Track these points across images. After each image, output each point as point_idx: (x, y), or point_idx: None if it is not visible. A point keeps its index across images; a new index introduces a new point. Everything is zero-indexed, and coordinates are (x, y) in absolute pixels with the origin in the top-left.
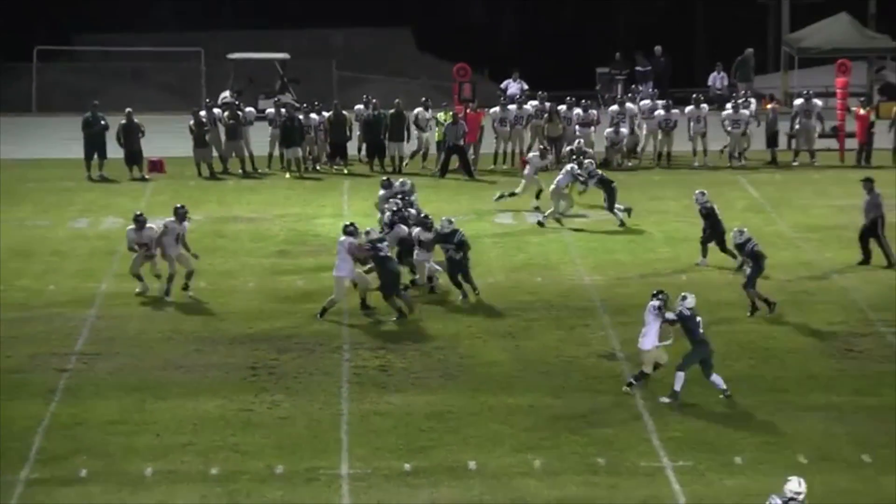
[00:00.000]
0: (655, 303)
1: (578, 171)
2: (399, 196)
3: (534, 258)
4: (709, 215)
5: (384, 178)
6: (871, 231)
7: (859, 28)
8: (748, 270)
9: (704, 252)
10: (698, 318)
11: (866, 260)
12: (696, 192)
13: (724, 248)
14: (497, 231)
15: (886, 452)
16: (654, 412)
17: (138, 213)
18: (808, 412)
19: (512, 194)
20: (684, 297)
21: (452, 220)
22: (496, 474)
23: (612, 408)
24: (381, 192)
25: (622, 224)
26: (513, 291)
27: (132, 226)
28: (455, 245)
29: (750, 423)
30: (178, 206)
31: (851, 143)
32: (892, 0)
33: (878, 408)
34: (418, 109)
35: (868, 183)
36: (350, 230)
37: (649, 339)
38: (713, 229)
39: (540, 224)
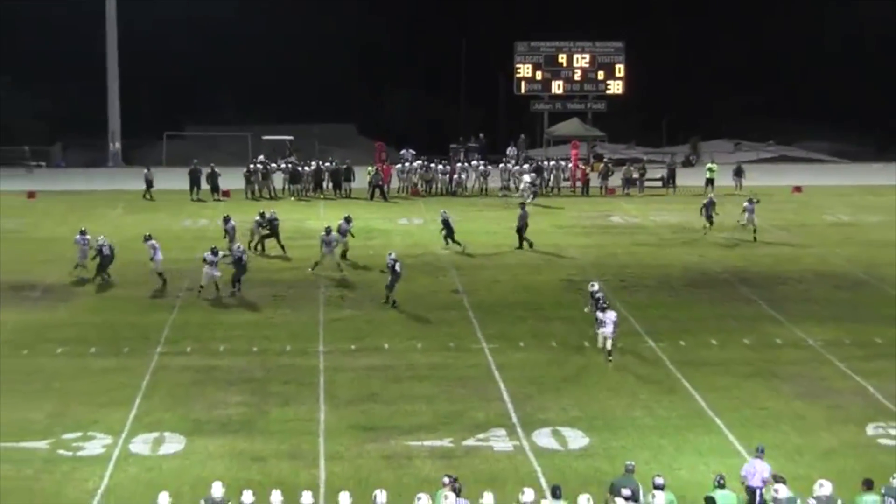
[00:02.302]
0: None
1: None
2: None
3: (418, 241)
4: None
5: (260, 211)
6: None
7: (583, 125)
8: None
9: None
10: None
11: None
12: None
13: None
14: (399, 227)
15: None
16: (478, 316)
17: (226, 215)
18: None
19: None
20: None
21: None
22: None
23: (455, 318)
24: (257, 218)
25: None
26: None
27: (223, 221)
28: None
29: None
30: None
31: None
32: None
33: None
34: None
35: (522, 206)
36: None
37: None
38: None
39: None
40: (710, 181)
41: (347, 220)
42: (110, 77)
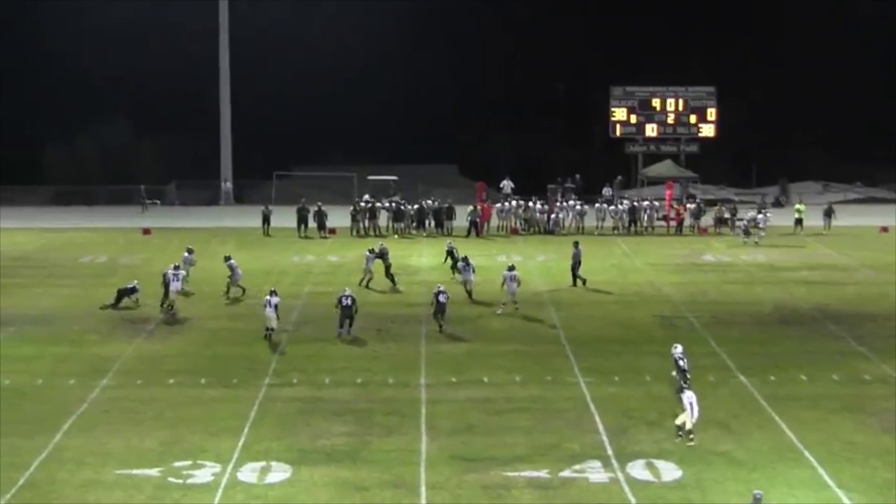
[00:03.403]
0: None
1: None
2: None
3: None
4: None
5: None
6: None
7: (676, 166)
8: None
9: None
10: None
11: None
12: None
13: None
14: (498, 264)
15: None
16: (574, 350)
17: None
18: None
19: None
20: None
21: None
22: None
23: (552, 353)
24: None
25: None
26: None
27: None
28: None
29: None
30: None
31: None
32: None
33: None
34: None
35: (575, 244)
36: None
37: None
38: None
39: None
40: (798, 221)
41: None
42: (223, 119)
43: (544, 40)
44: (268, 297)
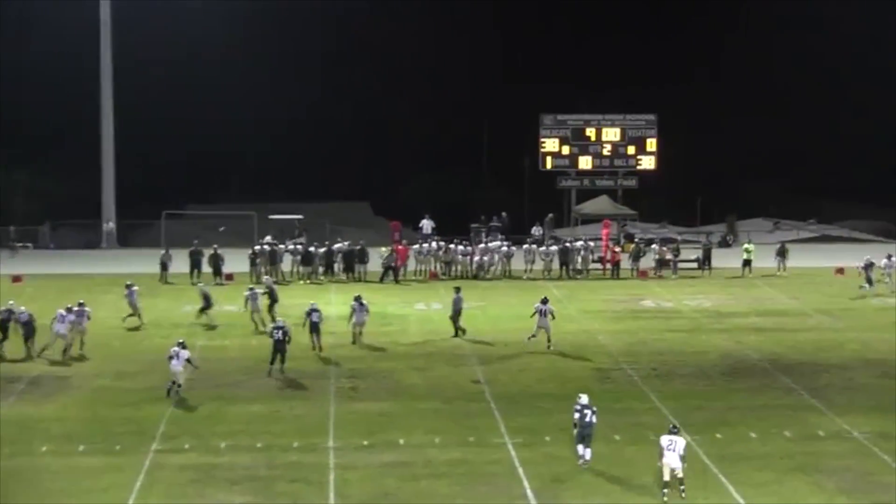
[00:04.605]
0: None
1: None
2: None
3: (437, 328)
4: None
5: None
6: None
7: (613, 203)
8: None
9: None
10: None
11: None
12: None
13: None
14: (416, 312)
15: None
16: (501, 408)
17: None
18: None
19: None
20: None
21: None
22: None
23: (476, 410)
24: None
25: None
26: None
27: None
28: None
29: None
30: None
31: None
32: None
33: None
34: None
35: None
36: None
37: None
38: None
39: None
40: (747, 262)
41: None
42: (104, 152)
43: (469, 65)
44: (175, 349)
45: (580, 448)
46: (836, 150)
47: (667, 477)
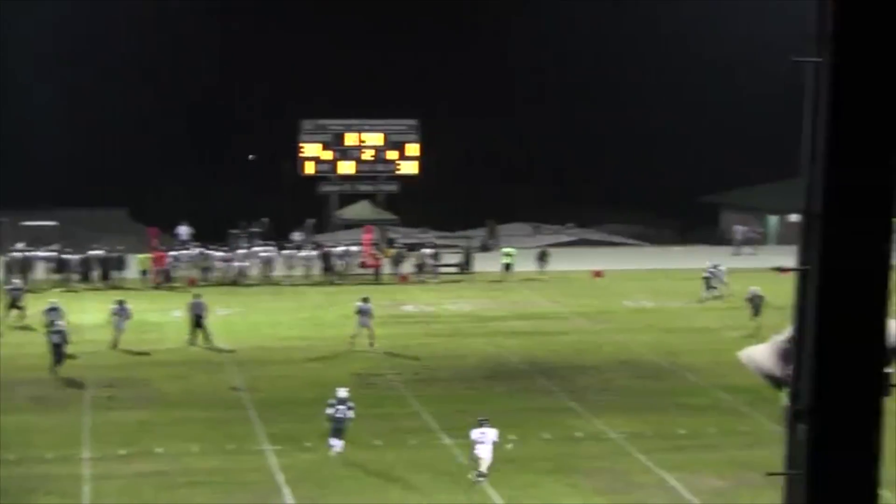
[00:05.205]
0: None
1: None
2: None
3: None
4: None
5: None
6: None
7: (374, 208)
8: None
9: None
10: None
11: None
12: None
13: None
14: (174, 320)
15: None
16: (261, 414)
17: None
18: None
19: None
20: None
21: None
22: None
23: (235, 418)
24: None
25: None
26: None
27: None
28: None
29: None
30: None
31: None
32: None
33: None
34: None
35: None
36: None
37: None
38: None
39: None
40: (507, 266)
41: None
42: None
43: (230, 68)
44: None
45: (335, 443)
46: (594, 154)
47: (483, 468)
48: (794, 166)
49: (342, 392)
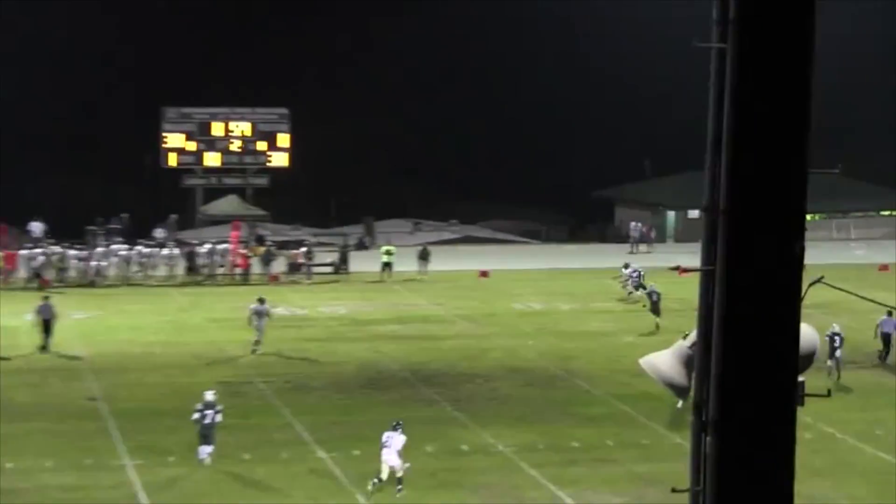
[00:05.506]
0: None
1: None
2: None
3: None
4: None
5: None
6: None
7: (243, 203)
8: None
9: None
10: None
11: None
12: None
13: None
14: (27, 324)
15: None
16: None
17: None
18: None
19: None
20: None
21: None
22: None
23: (92, 430)
24: None
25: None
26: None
27: None
28: None
29: None
30: None
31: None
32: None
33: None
34: None
35: None
36: None
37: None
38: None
39: None
40: (387, 265)
41: None
42: None
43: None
44: None
45: (201, 450)
46: (479, 147)
47: (384, 475)
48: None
49: (209, 395)
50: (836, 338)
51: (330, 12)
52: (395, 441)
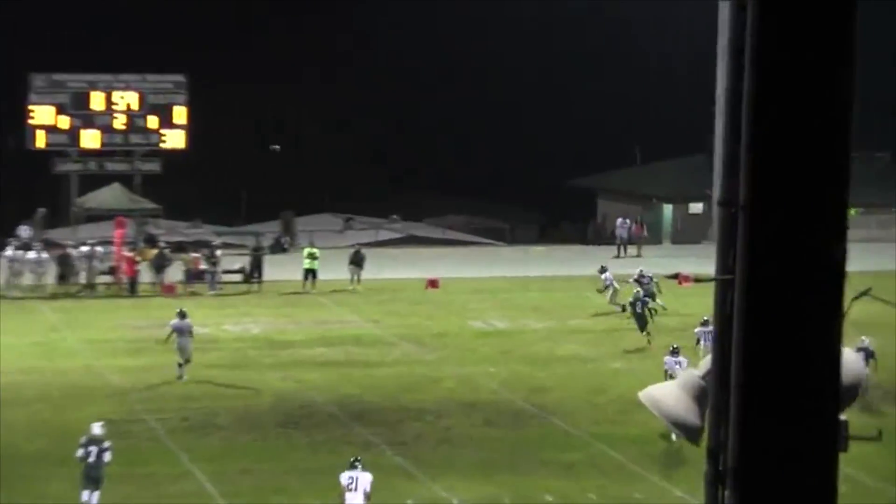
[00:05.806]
0: None
1: None
2: None
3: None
4: None
5: None
6: None
7: (129, 194)
8: None
9: None
10: None
11: None
12: None
13: None
14: None
15: None
16: None
17: None
18: None
19: None
20: None
21: None
22: None
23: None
24: None
25: None
26: None
27: None
28: None
29: None
30: None
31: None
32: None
33: None
34: None
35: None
36: None
37: None
38: None
39: None
40: (310, 272)
41: None
42: None
43: None
44: None
45: (85, 494)
46: (427, 127)
47: None
48: (698, 139)
49: (97, 428)
50: (862, 353)
51: None
52: (360, 481)
